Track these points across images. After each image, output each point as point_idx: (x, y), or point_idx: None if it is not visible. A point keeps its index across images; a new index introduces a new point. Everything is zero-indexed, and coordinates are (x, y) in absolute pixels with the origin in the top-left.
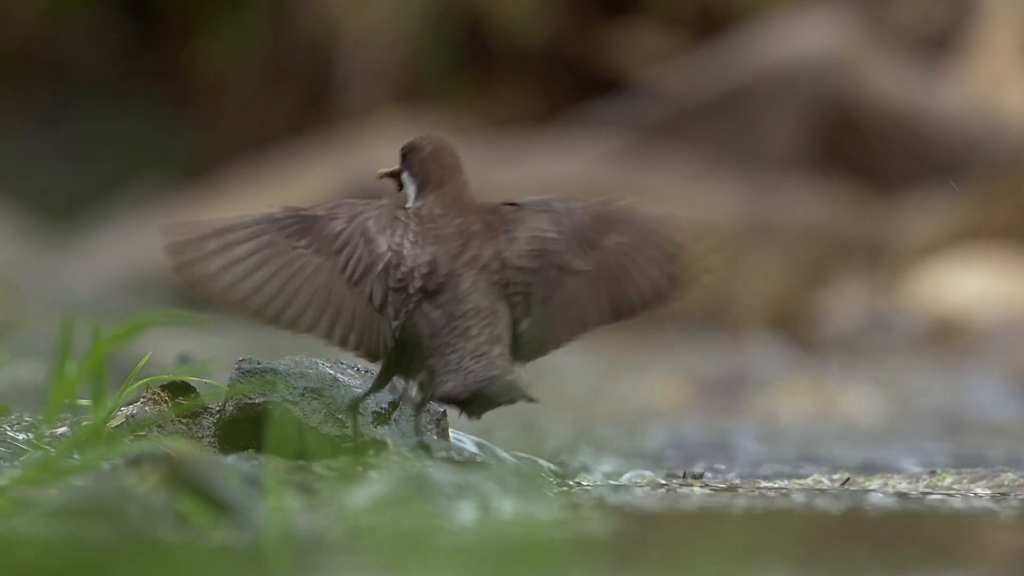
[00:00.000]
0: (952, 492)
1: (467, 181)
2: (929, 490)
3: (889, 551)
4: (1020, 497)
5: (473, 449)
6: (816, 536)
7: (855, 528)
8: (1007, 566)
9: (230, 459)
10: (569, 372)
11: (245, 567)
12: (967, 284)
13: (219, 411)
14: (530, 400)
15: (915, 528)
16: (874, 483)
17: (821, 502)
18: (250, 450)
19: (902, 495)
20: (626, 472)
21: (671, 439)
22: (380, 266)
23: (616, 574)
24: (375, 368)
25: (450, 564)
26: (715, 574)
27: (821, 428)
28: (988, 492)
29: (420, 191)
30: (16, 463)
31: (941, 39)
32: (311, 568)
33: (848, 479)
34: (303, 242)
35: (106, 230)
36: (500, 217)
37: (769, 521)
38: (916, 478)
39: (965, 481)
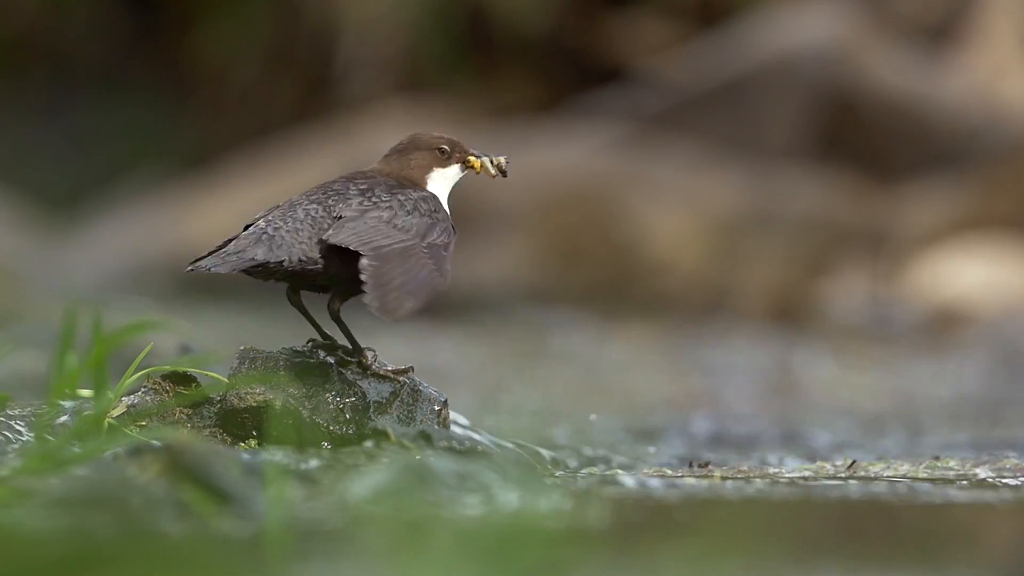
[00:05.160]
0: (955, 476)
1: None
2: (932, 474)
3: (888, 539)
4: (1021, 481)
5: (474, 438)
6: (818, 524)
7: (857, 515)
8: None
9: (232, 449)
10: (570, 366)
11: (247, 556)
12: (968, 273)
13: (220, 401)
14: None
15: (915, 514)
16: (878, 468)
17: (826, 488)
18: (252, 440)
19: (906, 479)
20: (631, 461)
21: (676, 428)
22: None
23: (617, 563)
24: (374, 366)
25: (451, 554)
26: (716, 563)
27: (825, 415)
28: (990, 476)
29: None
30: (18, 452)
31: (942, 28)
32: (312, 557)
33: (853, 463)
34: None
35: (107, 219)
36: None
37: (773, 508)
38: (919, 462)
39: (968, 465)
